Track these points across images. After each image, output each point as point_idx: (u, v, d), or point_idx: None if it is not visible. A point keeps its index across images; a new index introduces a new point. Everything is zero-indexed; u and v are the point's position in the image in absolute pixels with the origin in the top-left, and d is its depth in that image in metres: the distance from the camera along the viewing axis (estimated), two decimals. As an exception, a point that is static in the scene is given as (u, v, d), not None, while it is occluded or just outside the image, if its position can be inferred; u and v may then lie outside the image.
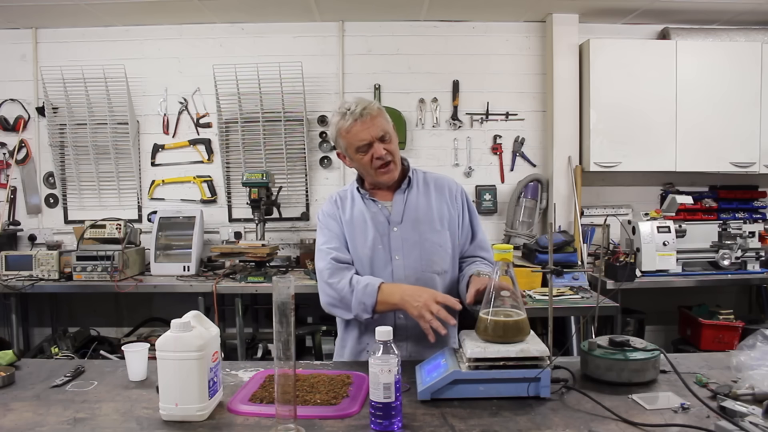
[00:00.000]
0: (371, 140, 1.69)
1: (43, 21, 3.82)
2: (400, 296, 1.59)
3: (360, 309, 1.66)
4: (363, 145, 1.70)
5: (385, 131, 1.71)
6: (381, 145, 1.70)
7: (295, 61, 3.77)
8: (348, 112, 1.70)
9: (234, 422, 1.25)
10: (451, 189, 1.87)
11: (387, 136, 1.72)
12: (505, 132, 4.02)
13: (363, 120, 1.68)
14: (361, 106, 1.70)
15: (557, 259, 3.42)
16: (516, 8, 3.76)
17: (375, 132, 1.69)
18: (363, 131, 1.69)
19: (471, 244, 1.87)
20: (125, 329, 3.95)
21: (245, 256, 3.56)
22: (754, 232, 3.62)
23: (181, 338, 1.24)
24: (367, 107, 1.70)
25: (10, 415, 1.29)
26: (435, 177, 1.90)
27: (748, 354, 1.41)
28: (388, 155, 1.72)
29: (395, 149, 1.75)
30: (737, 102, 3.71)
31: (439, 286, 1.75)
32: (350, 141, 1.71)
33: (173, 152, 4.01)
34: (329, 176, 4.03)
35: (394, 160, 1.74)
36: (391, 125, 1.76)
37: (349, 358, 1.81)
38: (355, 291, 1.66)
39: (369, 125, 1.69)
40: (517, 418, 1.24)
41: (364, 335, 1.78)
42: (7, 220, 3.94)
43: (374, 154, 1.70)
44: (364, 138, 1.69)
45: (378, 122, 1.70)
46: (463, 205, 1.87)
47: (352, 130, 1.70)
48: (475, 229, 1.88)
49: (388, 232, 1.77)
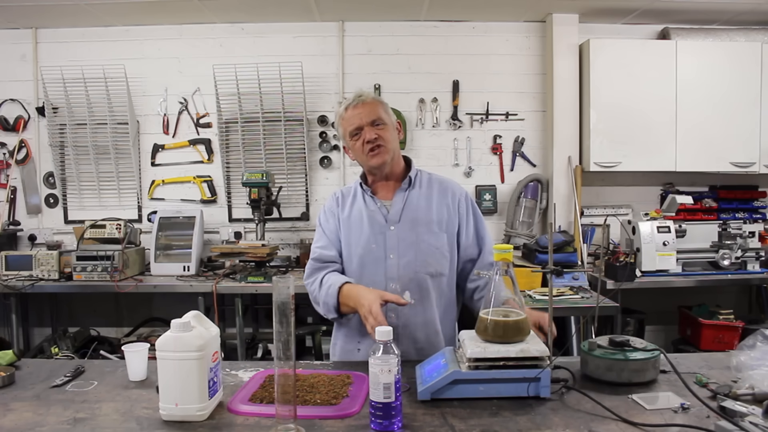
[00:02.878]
0: (361, 124, 1.75)
1: (43, 21, 3.82)
2: (355, 298, 1.62)
3: (325, 309, 1.73)
4: (354, 128, 1.76)
5: (377, 117, 1.76)
6: (372, 129, 1.75)
7: (295, 61, 3.77)
8: (345, 102, 1.81)
9: (234, 422, 1.25)
10: (455, 193, 1.86)
11: (379, 122, 1.77)
12: (505, 132, 4.02)
13: (355, 105, 1.77)
14: (357, 94, 1.79)
15: (557, 259, 3.42)
16: (516, 8, 3.76)
17: (366, 117, 1.75)
18: (355, 116, 1.76)
19: (480, 255, 1.83)
20: (125, 329, 3.95)
21: (245, 256, 3.56)
22: (754, 232, 3.62)
23: (181, 338, 1.24)
24: (363, 95, 1.79)
25: (10, 415, 1.29)
26: (440, 179, 1.90)
27: (748, 354, 1.41)
28: (379, 139, 1.75)
29: (388, 136, 1.78)
30: (737, 102, 3.71)
31: (431, 289, 1.76)
32: (345, 127, 1.79)
33: (173, 152, 4.01)
34: (329, 176, 4.03)
35: (386, 145, 1.76)
36: (388, 115, 1.81)
37: (340, 356, 1.82)
38: (322, 291, 1.73)
39: (361, 110, 1.76)
40: (517, 418, 1.24)
41: (355, 333, 1.78)
42: (7, 220, 3.94)
43: (364, 138, 1.74)
44: (355, 122, 1.76)
45: (371, 108, 1.77)
46: (468, 210, 1.85)
47: (346, 116, 1.78)
48: (482, 237, 1.85)
49: (384, 230, 1.77)
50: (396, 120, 1.85)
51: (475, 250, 1.84)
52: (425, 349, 1.68)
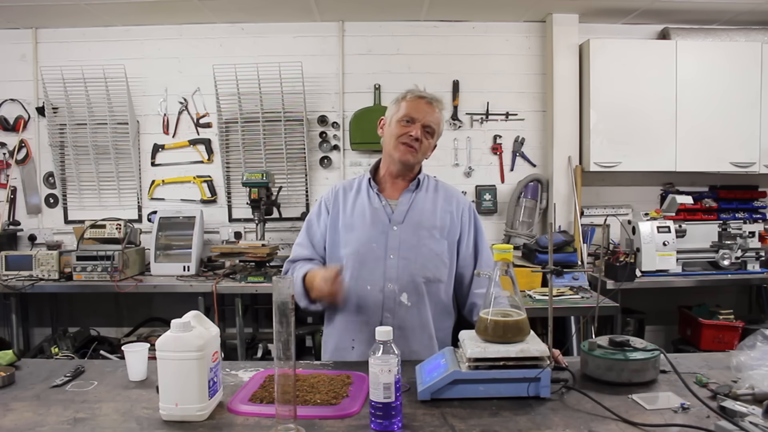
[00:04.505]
0: (417, 119, 1.76)
1: (43, 21, 3.82)
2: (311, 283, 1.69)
3: (299, 300, 1.75)
4: (409, 117, 1.77)
5: (433, 124, 1.79)
6: (421, 130, 1.76)
7: (295, 61, 3.77)
8: (421, 91, 1.82)
9: (234, 422, 1.25)
10: (459, 202, 1.88)
11: (430, 129, 1.79)
12: (505, 132, 4.02)
13: (426, 102, 1.79)
14: (435, 96, 1.82)
15: (557, 259, 3.42)
16: (516, 8, 3.76)
17: (425, 117, 1.77)
18: (418, 109, 1.77)
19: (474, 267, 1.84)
20: (125, 329, 3.95)
21: (245, 256, 3.56)
22: (754, 232, 3.63)
23: (181, 338, 1.24)
24: (438, 101, 1.82)
25: (10, 415, 1.29)
26: (446, 186, 1.92)
27: (748, 354, 1.41)
28: (419, 143, 1.77)
29: (427, 146, 1.80)
30: (737, 102, 3.71)
31: (427, 294, 1.76)
32: (405, 110, 1.78)
33: (173, 152, 4.01)
34: (329, 176, 4.03)
35: (419, 150, 1.78)
36: (439, 129, 1.83)
37: (332, 355, 1.81)
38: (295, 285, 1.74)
39: (426, 108, 1.78)
40: (517, 418, 1.24)
41: (349, 331, 1.78)
42: (7, 220, 3.94)
43: (410, 131, 1.76)
44: (413, 113, 1.77)
45: (434, 115, 1.79)
46: (470, 222, 1.87)
47: (410, 101, 1.79)
48: (480, 252, 1.86)
49: (387, 230, 1.77)
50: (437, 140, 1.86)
51: (471, 262, 1.85)
52: (419, 353, 1.68)
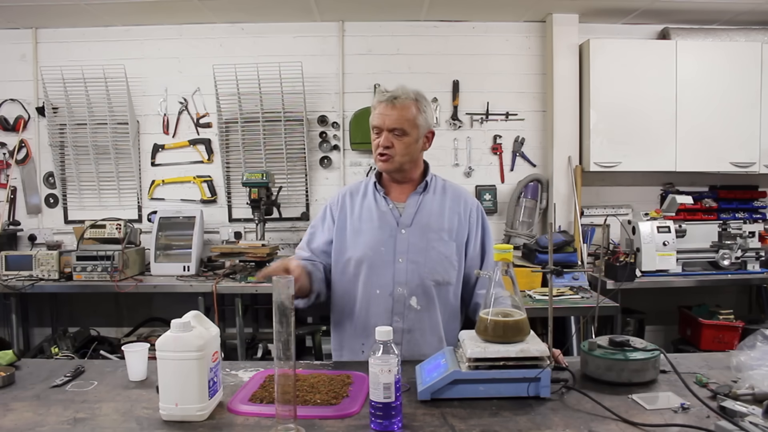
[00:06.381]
0: (382, 127, 1.72)
1: (43, 21, 3.82)
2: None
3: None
4: (375, 126, 1.74)
5: (399, 126, 1.70)
6: (389, 136, 1.71)
7: (295, 61, 3.77)
8: (384, 92, 1.74)
9: (234, 422, 1.25)
10: (467, 202, 1.86)
11: (399, 131, 1.71)
12: (505, 132, 4.02)
13: (386, 104, 1.71)
14: (396, 92, 1.72)
15: (557, 259, 3.42)
16: (516, 8, 3.76)
17: (389, 122, 1.70)
18: (379, 116, 1.72)
19: (481, 267, 1.83)
20: (125, 329, 3.95)
21: (245, 256, 3.56)
22: (754, 232, 3.62)
23: (181, 338, 1.24)
24: (399, 97, 1.71)
25: (10, 415, 1.29)
26: (454, 187, 1.90)
27: (748, 354, 1.41)
28: (390, 149, 1.72)
29: (401, 147, 1.72)
30: (737, 102, 3.71)
31: (437, 296, 1.75)
32: (371, 119, 1.76)
33: (173, 152, 4.01)
34: (329, 176, 4.03)
35: (394, 156, 1.73)
36: (415, 122, 1.72)
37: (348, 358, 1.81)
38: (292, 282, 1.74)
39: (388, 113, 1.70)
40: (517, 418, 1.24)
41: (359, 334, 1.77)
42: (7, 220, 3.94)
43: (379, 142, 1.73)
44: (377, 122, 1.73)
45: (399, 114, 1.70)
46: (478, 222, 1.85)
47: (375, 110, 1.75)
48: (486, 253, 1.85)
49: (395, 233, 1.76)
50: (429, 128, 1.78)
51: (478, 263, 1.83)
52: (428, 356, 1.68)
